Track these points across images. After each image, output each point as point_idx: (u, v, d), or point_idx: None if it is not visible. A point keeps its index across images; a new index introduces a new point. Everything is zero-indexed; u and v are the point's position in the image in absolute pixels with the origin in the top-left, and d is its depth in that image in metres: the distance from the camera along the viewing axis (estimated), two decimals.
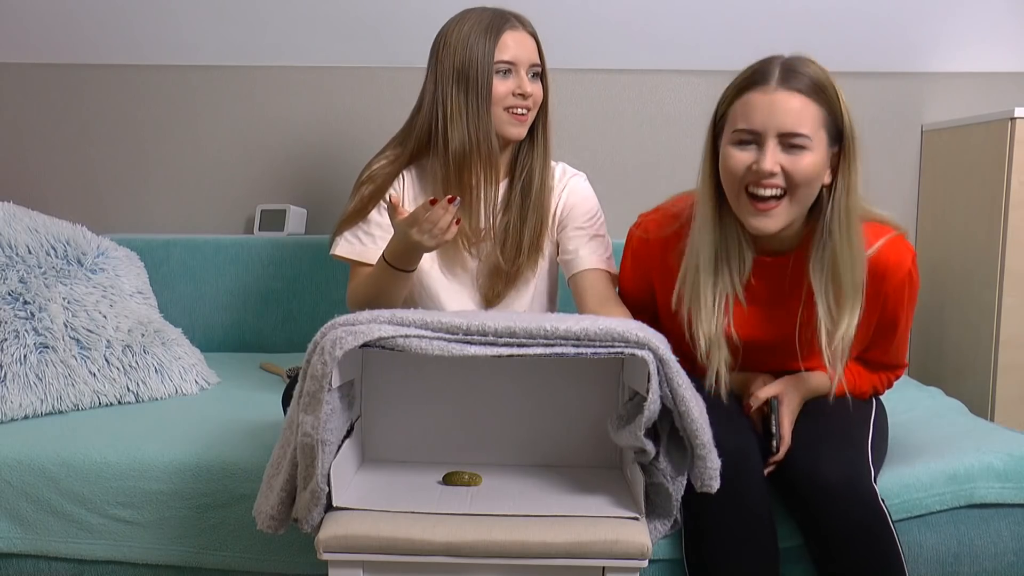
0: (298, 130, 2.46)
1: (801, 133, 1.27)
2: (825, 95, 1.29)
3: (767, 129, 1.28)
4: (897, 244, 1.39)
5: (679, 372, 1.13)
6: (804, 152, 1.28)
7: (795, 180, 1.29)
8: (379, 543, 1.14)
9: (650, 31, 2.37)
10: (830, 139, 1.31)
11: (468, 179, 1.59)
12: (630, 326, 1.13)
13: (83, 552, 1.51)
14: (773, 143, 1.28)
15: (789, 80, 1.28)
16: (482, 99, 1.55)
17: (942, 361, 2.36)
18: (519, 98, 1.58)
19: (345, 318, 1.16)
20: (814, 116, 1.28)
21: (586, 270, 1.63)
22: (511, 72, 1.57)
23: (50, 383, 1.75)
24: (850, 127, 1.31)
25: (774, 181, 1.28)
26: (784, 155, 1.28)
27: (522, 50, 1.58)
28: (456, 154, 1.57)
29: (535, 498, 1.23)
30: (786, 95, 1.27)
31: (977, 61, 2.40)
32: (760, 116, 1.28)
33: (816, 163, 1.29)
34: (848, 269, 1.32)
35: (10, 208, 1.91)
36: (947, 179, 2.33)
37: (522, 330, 1.12)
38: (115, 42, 2.42)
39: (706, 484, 1.16)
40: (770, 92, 1.28)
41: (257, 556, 1.49)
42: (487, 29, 1.56)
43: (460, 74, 1.56)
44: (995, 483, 1.43)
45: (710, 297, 1.37)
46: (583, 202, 1.69)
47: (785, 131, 1.27)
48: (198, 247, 2.30)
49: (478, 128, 1.56)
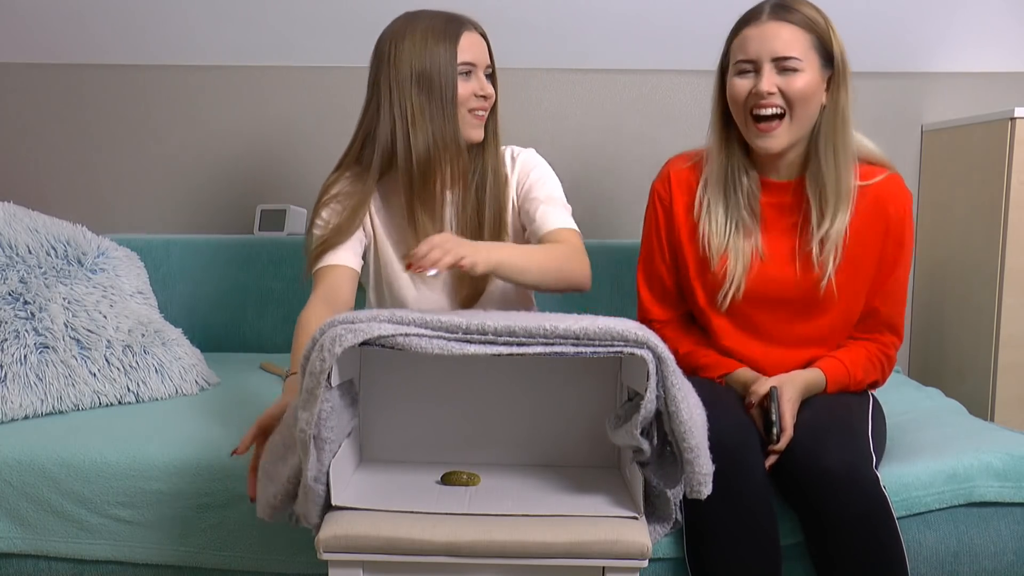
0: (298, 130, 2.46)
1: (792, 56, 1.42)
2: (813, 24, 1.44)
3: (761, 55, 1.43)
4: (897, 180, 1.53)
5: (675, 372, 1.13)
6: (798, 73, 1.42)
7: (791, 98, 1.43)
8: (379, 543, 1.14)
9: (650, 31, 2.37)
10: (822, 61, 1.45)
11: (433, 185, 1.58)
12: (629, 325, 1.13)
13: (83, 552, 1.51)
14: (769, 67, 1.43)
15: (779, 12, 1.44)
16: (447, 101, 1.54)
17: (942, 361, 2.36)
18: (481, 99, 1.58)
19: (344, 316, 1.16)
20: (804, 40, 1.43)
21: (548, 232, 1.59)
22: (471, 74, 1.57)
23: (50, 383, 1.75)
24: (840, 53, 1.46)
25: (773, 100, 1.43)
26: (780, 77, 1.43)
27: (478, 51, 1.58)
28: (421, 160, 1.55)
29: (534, 498, 1.23)
30: (776, 25, 1.44)
31: (977, 61, 2.40)
32: (755, 45, 1.44)
33: (810, 82, 1.43)
34: (832, 174, 1.46)
35: (10, 208, 1.91)
36: (947, 179, 2.33)
37: (522, 329, 1.12)
38: (115, 42, 2.43)
39: (695, 490, 1.15)
40: (762, 24, 1.45)
41: (257, 556, 1.49)
42: (445, 32, 1.54)
43: (422, 78, 1.53)
44: (994, 482, 1.44)
45: (722, 215, 1.52)
46: (529, 174, 1.65)
47: (778, 55, 1.43)
48: (198, 247, 2.30)
49: (444, 130, 1.54)
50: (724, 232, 1.51)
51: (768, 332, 1.55)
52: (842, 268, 1.50)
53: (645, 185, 1.72)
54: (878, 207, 1.50)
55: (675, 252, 1.60)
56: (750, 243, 1.52)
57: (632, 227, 2.42)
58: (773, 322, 1.55)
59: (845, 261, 1.50)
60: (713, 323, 1.57)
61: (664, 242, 1.60)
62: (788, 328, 1.55)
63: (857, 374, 1.53)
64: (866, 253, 1.51)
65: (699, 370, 1.58)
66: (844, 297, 1.52)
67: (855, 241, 1.50)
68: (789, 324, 1.54)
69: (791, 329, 1.55)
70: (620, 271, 2.21)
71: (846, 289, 1.51)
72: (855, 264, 1.51)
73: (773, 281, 1.52)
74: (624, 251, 2.22)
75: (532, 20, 2.35)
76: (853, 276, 1.51)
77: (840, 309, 1.53)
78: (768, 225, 1.53)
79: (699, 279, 1.56)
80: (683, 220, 1.57)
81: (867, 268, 1.52)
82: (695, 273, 1.56)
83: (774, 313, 1.54)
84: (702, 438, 1.16)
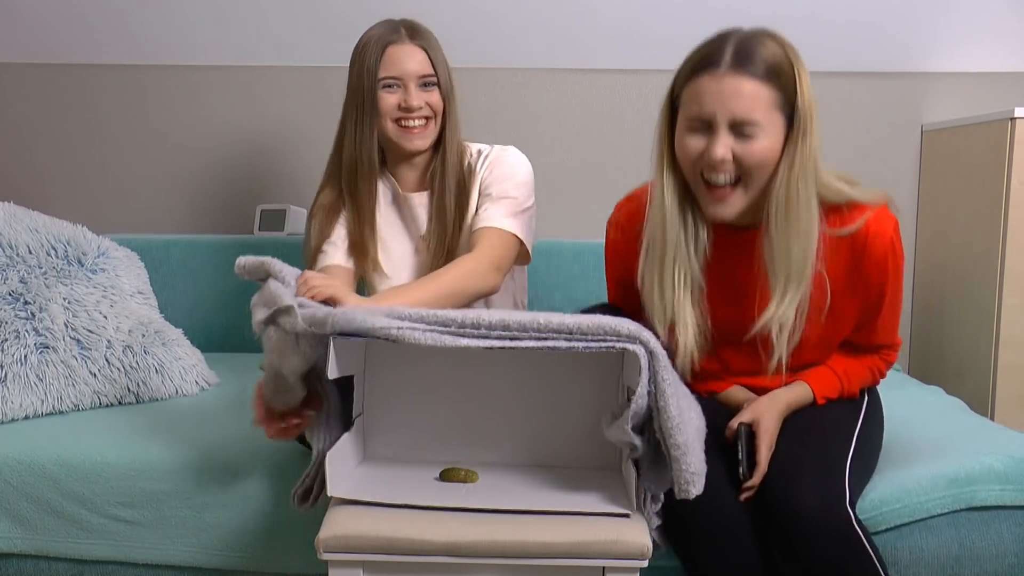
0: (298, 130, 2.46)
1: (752, 120, 1.23)
2: (779, 77, 1.24)
3: (716, 116, 1.24)
4: (878, 216, 1.34)
5: (666, 367, 1.12)
6: (756, 139, 1.24)
7: (746, 166, 1.26)
8: (379, 543, 1.14)
9: (650, 31, 2.37)
10: (785, 120, 1.27)
11: (363, 197, 1.64)
12: (623, 321, 1.13)
13: (83, 552, 1.51)
14: (724, 130, 1.24)
15: (741, 63, 1.23)
16: (366, 113, 1.59)
17: (942, 361, 2.36)
18: (404, 112, 1.59)
19: (343, 309, 1.17)
20: (767, 100, 1.24)
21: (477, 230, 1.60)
22: (397, 86, 1.59)
23: (50, 383, 1.75)
24: (806, 105, 1.25)
25: (726, 168, 1.26)
26: (735, 142, 1.25)
27: (408, 63, 1.58)
28: (347, 171, 1.64)
29: (534, 497, 1.23)
30: (736, 80, 1.23)
31: (977, 61, 2.40)
32: (710, 103, 1.24)
33: (769, 147, 1.26)
34: (784, 249, 1.29)
35: (10, 208, 1.91)
36: (947, 179, 2.33)
37: (516, 323, 1.12)
38: (115, 42, 2.43)
39: (683, 489, 1.14)
40: (719, 77, 1.23)
41: (257, 556, 1.49)
42: (375, 45, 1.58)
43: (353, 91, 1.61)
44: (995, 485, 1.43)
45: (670, 273, 1.34)
46: (492, 171, 1.65)
47: (735, 119, 1.23)
48: (198, 247, 2.30)
49: (361, 144, 1.61)
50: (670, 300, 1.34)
51: (744, 368, 1.46)
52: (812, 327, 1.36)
53: None
54: (857, 254, 1.35)
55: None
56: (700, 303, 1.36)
57: None
58: (744, 358, 1.44)
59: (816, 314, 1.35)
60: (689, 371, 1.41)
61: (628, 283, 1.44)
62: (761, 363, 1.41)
63: (852, 385, 1.47)
64: (847, 303, 1.37)
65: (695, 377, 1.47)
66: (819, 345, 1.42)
67: (834, 290, 1.34)
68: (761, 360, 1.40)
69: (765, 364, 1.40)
70: None
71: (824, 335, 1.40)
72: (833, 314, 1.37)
73: (731, 321, 1.40)
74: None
75: (532, 20, 2.35)
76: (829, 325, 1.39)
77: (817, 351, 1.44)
78: (720, 275, 1.38)
79: None
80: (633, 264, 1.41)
81: (848, 313, 1.40)
82: None
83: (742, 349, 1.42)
84: (692, 436, 1.15)
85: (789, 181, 1.26)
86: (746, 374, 1.47)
